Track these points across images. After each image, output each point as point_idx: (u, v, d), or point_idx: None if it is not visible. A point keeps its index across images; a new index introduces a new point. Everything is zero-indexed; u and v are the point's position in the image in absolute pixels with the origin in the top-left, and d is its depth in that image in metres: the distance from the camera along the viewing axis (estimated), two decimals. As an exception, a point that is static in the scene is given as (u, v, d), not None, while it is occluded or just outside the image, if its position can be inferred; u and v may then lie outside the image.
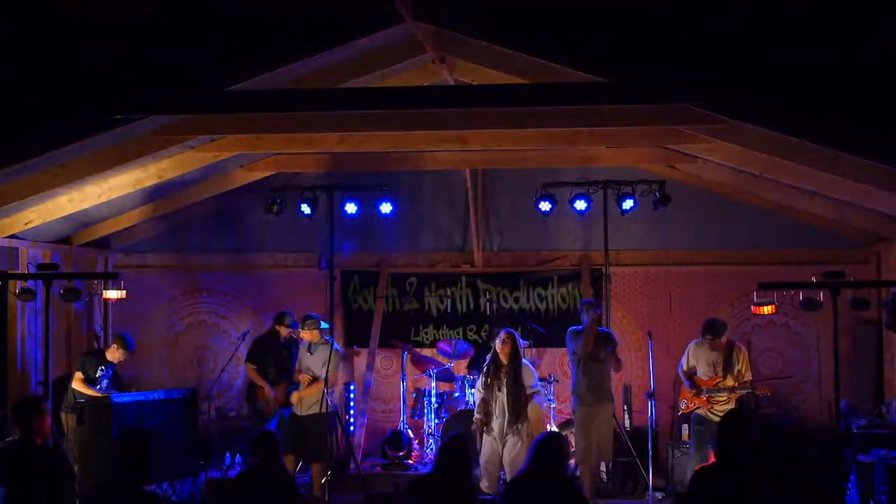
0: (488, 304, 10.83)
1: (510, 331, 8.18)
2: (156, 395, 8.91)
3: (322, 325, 8.78)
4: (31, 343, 9.35)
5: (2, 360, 9.15)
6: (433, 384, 10.01)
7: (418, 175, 10.85)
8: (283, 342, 9.18)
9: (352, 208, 9.96)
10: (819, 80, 6.15)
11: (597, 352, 8.23)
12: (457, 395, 9.83)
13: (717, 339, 8.23)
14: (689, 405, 8.29)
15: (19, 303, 8.95)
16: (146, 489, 4.96)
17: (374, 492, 7.59)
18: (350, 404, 10.52)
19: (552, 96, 6.83)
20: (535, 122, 7.76)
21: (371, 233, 10.91)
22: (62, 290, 8.21)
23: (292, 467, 8.44)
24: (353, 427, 10.22)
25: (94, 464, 8.17)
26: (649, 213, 9.79)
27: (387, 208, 9.92)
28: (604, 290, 10.00)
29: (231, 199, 10.75)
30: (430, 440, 9.80)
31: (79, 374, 8.94)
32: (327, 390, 8.47)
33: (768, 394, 8.55)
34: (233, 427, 10.00)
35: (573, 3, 6.35)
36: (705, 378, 8.26)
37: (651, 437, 8.49)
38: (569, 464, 7.13)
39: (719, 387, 8.18)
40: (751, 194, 10.04)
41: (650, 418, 8.65)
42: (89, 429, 8.35)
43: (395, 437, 9.80)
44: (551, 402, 9.63)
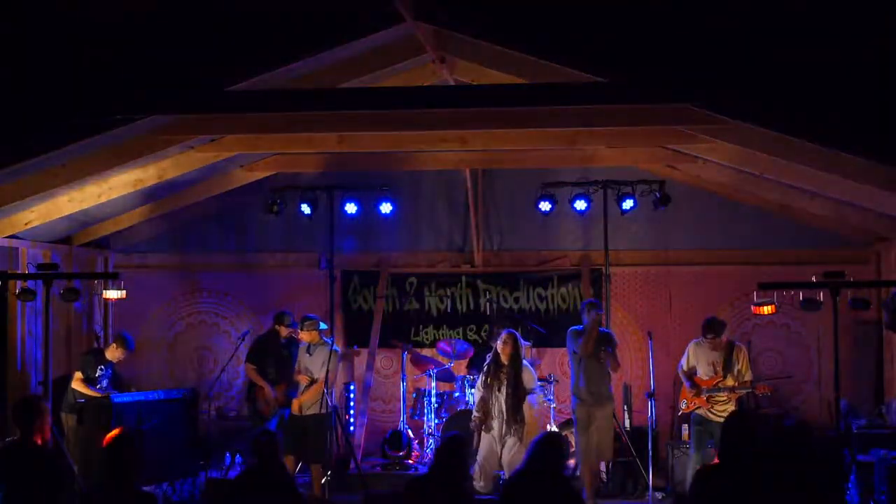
0: (488, 304, 10.83)
1: (512, 331, 8.18)
2: (156, 395, 8.90)
3: (321, 326, 8.79)
4: (31, 343, 9.35)
5: (2, 360, 9.16)
6: (433, 384, 10.01)
7: (418, 175, 10.84)
8: (284, 342, 9.18)
9: (352, 208, 9.95)
10: (819, 80, 6.16)
11: (597, 352, 8.25)
12: (457, 395, 9.83)
13: (718, 339, 8.22)
14: (689, 405, 8.28)
15: (19, 303, 8.95)
16: (145, 489, 4.96)
17: (374, 492, 7.59)
18: (350, 404, 10.52)
19: (552, 96, 6.84)
20: (535, 122, 7.75)
21: (371, 233, 10.91)
22: (62, 290, 8.21)
23: (292, 467, 8.44)
24: (353, 427, 10.22)
25: (94, 464, 8.16)
26: (649, 213, 9.79)
27: (387, 208, 9.92)
28: (604, 290, 9.99)
29: (231, 199, 10.74)
30: (430, 440, 9.79)
31: (78, 374, 8.94)
32: (327, 390, 8.48)
33: (768, 394, 8.54)
34: (233, 427, 10.00)
35: (573, 3, 6.36)
36: (705, 378, 8.25)
37: (651, 437, 8.49)
38: (568, 463, 7.13)
39: (719, 387, 8.17)
40: (751, 194, 10.03)
41: (650, 418, 8.65)
42: (89, 429, 8.34)
43: (395, 437, 9.79)
44: (551, 402, 9.63)
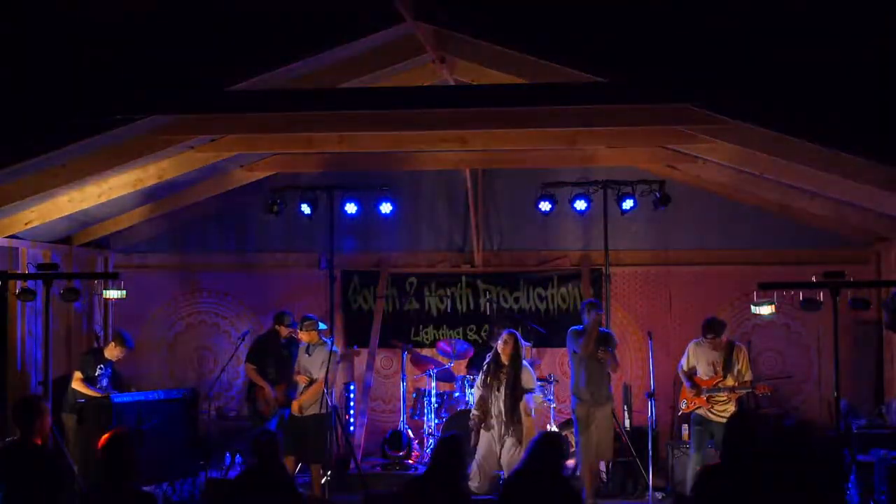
0: (488, 304, 10.83)
1: (513, 332, 8.18)
2: (156, 395, 8.90)
3: (320, 326, 8.80)
4: (31, 343, 9.34)
5: (2, 360, 9.15)
6: (433, 384, 10.01)
7: (418, 175, 10.84)
8: (284, 342, 9.18)
9: (352, 208, 9.95)
10: (819, 80, 6.16)
11: (597, 352, 8.25)
12: (457, 395, 9.83)
13: (718, 339, 8.22)
14: (690, 405, 8.28)
15: (19, 303, 8.95)
16: (145, 489, 4.96)
17: (374, 492, 7.60)
18: (350, 404, 10.51)
19: (552, 96, 6.83)
20: (535, 122, 7.75)
21: (371, 233, 10.91)
22: (62, 290, 8.20)
23: (292, 468, 8.44)
24: (353, 427, 10.22)
25: (93, 464, 8.15)
26: (649, 213, 9.78)
27: (387, 208, 9.91)
28: (604, 290, 9.98)
29: (231, 199, 10.74)
30: (430, 440, 9.78)
31: (78, 374, 8.94)
32: (327, 390, 8.48)
33: (768, 394, 8.54)
34: (233, 427, 10.00)
35: (573, 3, 6.36)
36: (705, 378, 8.25)
37: (651, 437, 8.49)
38: (566, 463, 7.12)
39: (719, 387, 8.16)
40: (751, 194, 10.03)
41: (650, 418, 8.65)
42: (89, 429, 8.34)
43: (395, 437, 9.79)
44: (551, 402, 9.64)
